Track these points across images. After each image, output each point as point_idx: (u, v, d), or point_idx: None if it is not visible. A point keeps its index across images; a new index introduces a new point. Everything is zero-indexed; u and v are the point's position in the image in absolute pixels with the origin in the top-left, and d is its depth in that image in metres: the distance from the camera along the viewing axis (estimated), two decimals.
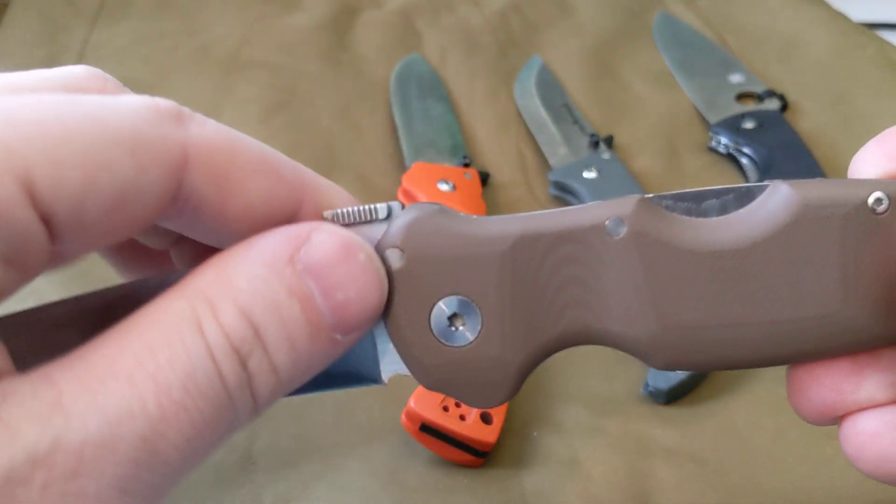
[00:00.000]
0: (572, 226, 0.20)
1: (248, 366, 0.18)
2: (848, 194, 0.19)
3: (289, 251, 0.19)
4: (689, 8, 0.67)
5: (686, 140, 0.55)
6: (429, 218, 0.20)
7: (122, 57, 0.63)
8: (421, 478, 0.35)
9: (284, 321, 0.18)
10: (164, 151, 0.18)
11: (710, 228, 0.20)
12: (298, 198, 0.20)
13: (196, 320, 0.17)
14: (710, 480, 0.35)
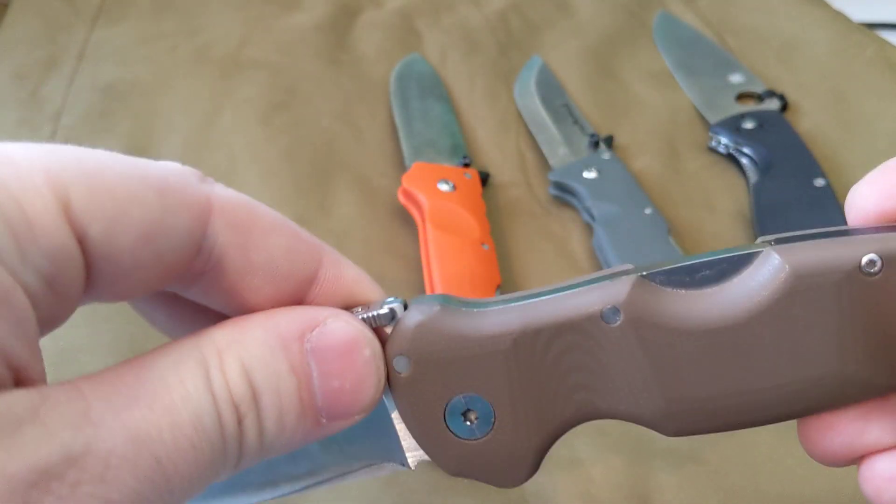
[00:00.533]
0: (570, 317, 0.20)
1: (242, 423, 0.19)
2: (839, 260, 0.19)
3: (301, 329, 0.20)
4: (689, 8, 0.67)
5: (686, 140, 0.55)
6: (431, 322, 0.21)
7: (122, 57, 0.63)
8: (421, 478, 0.35)
9: (280, 393, 0.20)
10: (189, 197, 0.19)
11: (704, 303, 0.20)
12: (317, 260, 0.21)
13: (206, 368, 0.19)
14: (711, 481, 0.35)
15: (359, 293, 0.22)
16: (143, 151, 0.54)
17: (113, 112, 0.57)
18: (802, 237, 0.20)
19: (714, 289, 0.20)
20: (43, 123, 0.56)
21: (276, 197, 0.50)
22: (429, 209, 0.45)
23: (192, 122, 0.56)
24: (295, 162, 0.53)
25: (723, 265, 0.20)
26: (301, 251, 0.21)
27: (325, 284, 0.21)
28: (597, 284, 0.20)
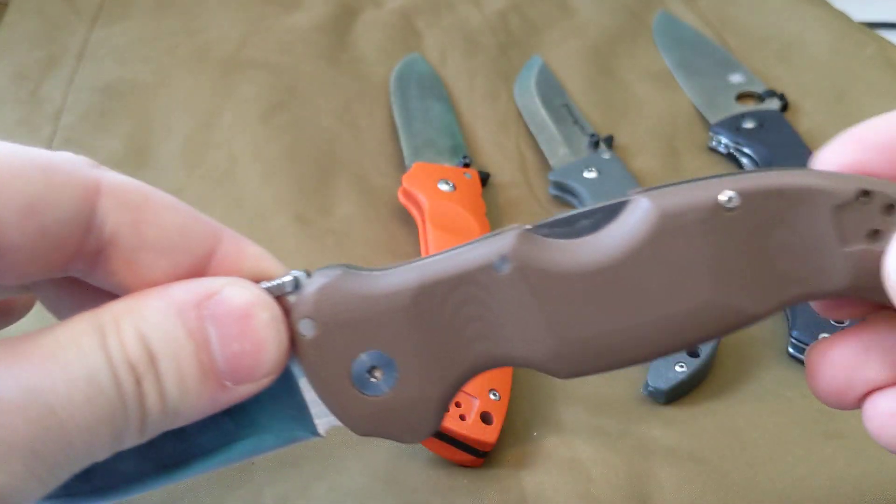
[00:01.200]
0: (462, 269, 0.22)
1: (142, 385, 0.20)
2: (700, 198, 0.21)
3: (197, 297, 0.21)
4: (689, 8, 0.67)
5: (686, 140, 0.55)
6: (333, 284, 0.22)
7: (121, 57, 0.63)
8: (421, 478, 0.35)
9: (178, 357, 0.20)
10: (76, 177, 0.20)
11: (584, 249, 0.22)
12: (215, 236, 0.22)
13: (102, 333, 0.20)
14: (710, 480, 0.35)
15: (261, 269, 0.22)
16: (142, 151, 0.54)
17: (113, 112, 0.57)
18: (674, 186, 0.22)
19: (593, 236, 0.22)
20: (43, 123, 0.56)
21: (277, 197, 0.50)
22: (429, 209, 0.45)
23: (192, 122, 0.56)
24: (295, 162, 0.53)
25: (598, 214, 0.22)
26: (196, 228, 0.21)
27: (225, 260, 0.22)
28: (486, 240, 0.22)
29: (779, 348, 0.41)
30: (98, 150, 0.54)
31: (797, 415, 0.38)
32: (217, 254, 0.22)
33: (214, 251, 0.22)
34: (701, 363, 0.38)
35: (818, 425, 0.37)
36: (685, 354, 0.39)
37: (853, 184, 0.21)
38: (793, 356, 0.40)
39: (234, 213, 0.49)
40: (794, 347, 0.40)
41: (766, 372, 0.40)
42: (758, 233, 0.21)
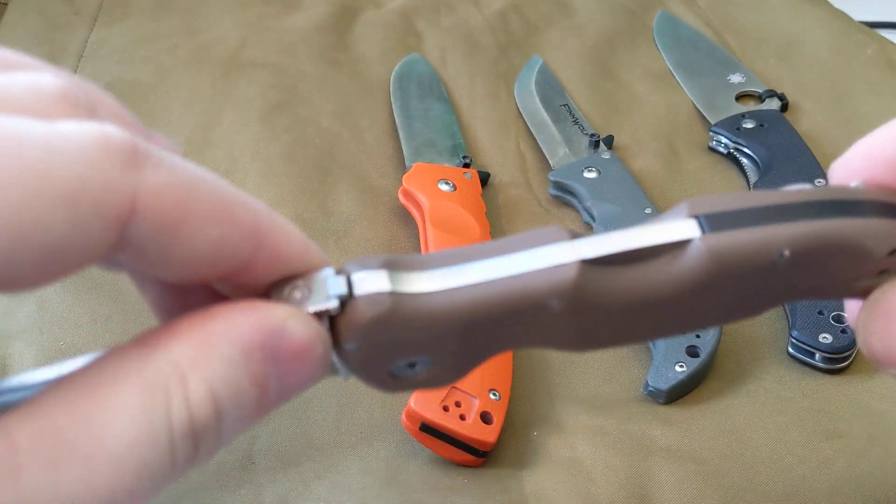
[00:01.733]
0: (517, 305, 0.22)
1: (199, 448, 0.18)
2: (759, 254, 0.22)
3: (263, 336, 0.19)
4: (689, 8, 0.67)
5: (686, 140, 0.55)
6: (382, 316, 0.21)
7: (121, 57, 0.63)
8: (421, 478, 0.35)
9: (242, 407, 0.19)
10: (108, 203, 0.16)
11: (632, 281, 0.22)
12: (252, 244, 0.20)
13: (166, 400, 0.17)
14: (710, 480, 0.35)
15: (304, 262, 0.21)
16: None
17: None
18: (733, 217, 0.22)
19: (641, 267, 0.22)
20: None
21: (277, 197, 0.50)
22: (429, 209, 0.45)
23: (192, 122, 0.56)
24: (295, 161, 0.53)
25: (655, 250, 0.22)
26: (231, 244, 0.19)
27: (268, 255, 0.20)
28: (542, 270, 0.22)
29: (779, 348, 0.41)
30: None
31: (797, 415, 0.38)
32: (259, 251, 0.20)
33: (250, 258, 0.20)
34: (701, 363, 0.38)
35: (818, 425, 0.37)
36: (685, 354, 0.39)
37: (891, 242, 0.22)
38: (793, 356, 0.40)
39: None
40: (794, 347, 0.40)
41: (766, 372, 0.40)
42: (796, 274, 0.22)
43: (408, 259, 0.22)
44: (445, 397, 0.35)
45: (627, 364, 0.41)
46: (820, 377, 0.39)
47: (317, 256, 0.21)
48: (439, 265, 0.22)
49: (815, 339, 0.39)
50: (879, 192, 0.22)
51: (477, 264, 0.22)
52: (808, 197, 0.22)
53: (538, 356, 0.41)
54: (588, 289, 0.22)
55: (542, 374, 0.40)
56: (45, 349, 0.41)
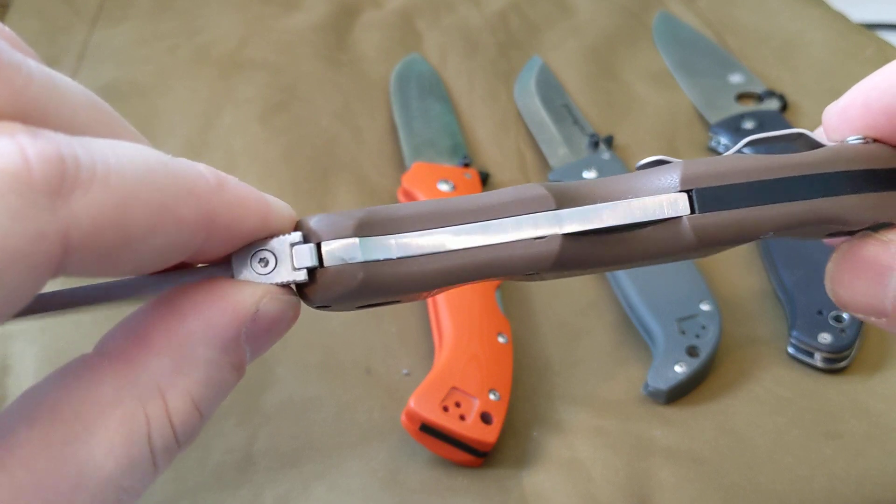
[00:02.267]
0: (496, 272, 0.21)
1: (183, 446, 0.18)
2: (745, 236, 0.22)
3: (238, 328, 0.19)
4: (689, 8, 0.67)
5: (686, 140, 0.55)
6: (355, 286, 0.21)
7: (121, 57, 0.63)
8: (421, 478, 0.35)
9: (223, 392, 0.19)
10: (37, 254, 0.14)
11: (616, 248, 0.22)
12: (202, 235, 0.19)
13: (147, 429, 0.17)
14: (710, 480, 0.35)
15: (256, 234, 0.20)
16: None
17: None
18: (724, 194, 0.22)
19: (625, 237, 0.22)
20: None
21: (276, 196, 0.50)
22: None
23: (192, 123, 0.56)
24: (294, 162, 0.53)
25: (641, 224, 0.22)
26: (179, 241, 0.18)
27: (217, 245, 0.19)
28: (524, 243, 0.21)
29: (779, 348, 0.41)
30: None
31: (797, 415, 0.38)
32: (212, 236, 0.19)
33: (208, 237, 0.19)
34: (701, 363, 0.38)
35: (818, 425, 0.37)
36: (685, 354, 0.39)
37: (869, 217, 0.22)
38: (792, 356, 0.40)
39: None
40: (794, 347, 0.40)
41: (766, 372, 0.40)
42: (776, 237, 0.23)
43: (382, 216, 0.21)
44: (445, 397, 0.35)
45: (627, 364, 0.41)
46: (820, 377, 0.39)
47: (280, 218, 0.21)
48: (416, 226, 0.21)
49: (815, 339, 0.39)
50: (873, 158, 0.22)
51: (456, 229, 0.21)
52: (803, 170, 0.22)
53: (538, 356, 0.41)
54: (569, 257, 0.21)
55: (542, 374, 0.40)
56: (46, 349, 0.41)
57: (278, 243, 0.20)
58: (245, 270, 0.20)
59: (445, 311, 0.39)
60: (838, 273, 0.23)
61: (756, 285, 0.44)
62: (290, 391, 0.39)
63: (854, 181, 0.22)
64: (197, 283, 0.19)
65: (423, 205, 0.21)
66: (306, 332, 0.42)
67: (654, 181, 0.22)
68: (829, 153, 0.23)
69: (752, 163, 0.23)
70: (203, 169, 0.19)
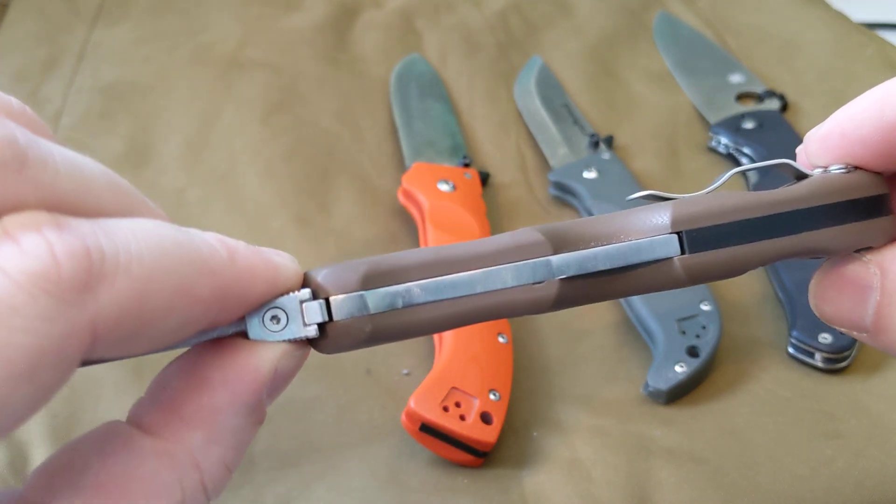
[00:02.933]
0: (496, 316, 0.23)
1: (210, 500, 0.20)
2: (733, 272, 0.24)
3: (261, 392, 0.20)
4: (689, 8, 0.67)
5: (686, 140, 0.55)
6: (361, 339, 0.22)
7: (122, 57, 0.63)
8: (421, 478, 0.35)
9: (248, 446, 0.21)
10: (67, 349, 0.15)
11: (611, 288, 0.24)
12: (216, 308, 0.19)
13: (181, 500, 0.19)
14: (710, 480, 0.35)
15: (266, 298, 0.21)
16: (143, 152, 0.54)
17: (113, 112, 0.57)
18: (714, 235, 0.23)
19: (618, 277, 0.23)
20: None
21: (277, 197, 0.50)
22: (429, 209, 0.45)
23: (192, 122, 0.56)
24: (295, 162, 0.53)
25: (633, 266, 0.23)
26: (194, 316, 0.18)
27: (229, 312, 0.20)
28: (522, 289, 0.23)
29: (779, 348, 0.41)
30: (98, 150, 0.54)
31: (797, 415, 0.38)
32: (225, 307, 0.20)
33: (221, 309, 0.20)
34: (701, 363, 0.38)
35: (818, 425, 0.37)
36: (685, 354, 0.39)
37: (853, 244, 0.23)
38: (793, 356, 0.40)
39: (234, 214, 0.49)
40: (794, 347, 0.40)
41: (766, 372, 0.40)
42: None
43: (386, 267, 0.22)
44: (445, 398, 0.35)
45: (627, 364, 0.41)
46: (820, 377, 0.39)
47: (288, 278, 0.21)
48: (419, 276, 0.22)
49: (815, 339, 0.39)
50: (855, 187, 0.23)
51: (458, 278, 0.22)
52: (788, 206, 0.23)
53: (538, 356, 0.41)
54: (567, 298, 0.23)
55: (542, 374, 0.40)
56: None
57: (288, 301, 0.21)
58: (258, 328, 0.21)
59: None
60: (821, 290, 0.24)
61: (756, 285, 0.44)
62: (290, 391, 0.39)
63: (838, 213, 0.23)
64: (216, 346, 0.20)
65: (425, 253, 0.22)
66: None
67: (646, 221, 0.23)
68: (812, 187, 0.23)
69: (740, 201, 0.23)
70: (214, 241, 0.19)
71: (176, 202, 0.50)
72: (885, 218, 0.23)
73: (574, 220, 0.24)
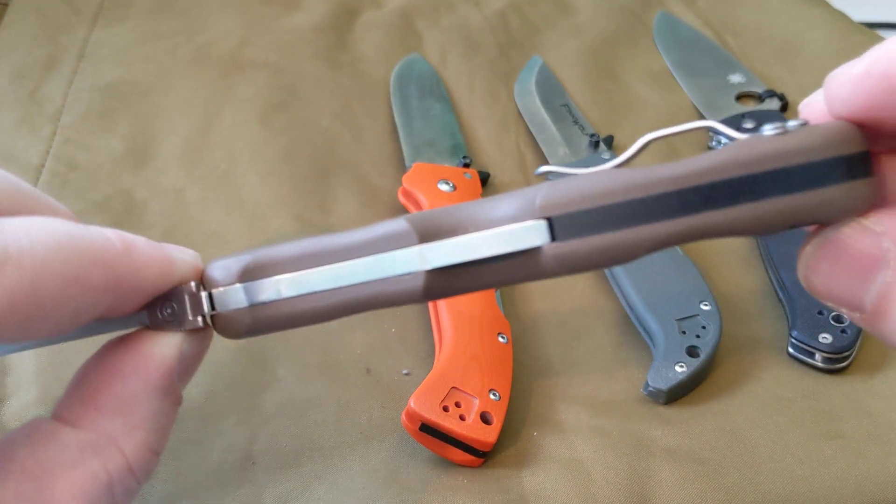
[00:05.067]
0: (369, 306, 0.24)
1: (141, 482, 0.21)
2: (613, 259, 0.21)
3: (170, 375, 0.22)
4: (689, 8, 0.67)
5: (686, 140, 0.55)
6: (245, 327, 0.23)
7: (122, 57, 0.63)
8: (421, 478, 0.35)
9: (170, 427, 0.23)
10: None
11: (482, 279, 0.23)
12: (111, 296, 0.21)
13: (109, 486, 0.20)
14: (710, 480, 0.35)
15: (161, 288, 0.23)
16: (142, 151, 0.54)
17: (113, 112, 0.57)
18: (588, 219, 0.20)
19: (488, 267, 0.23)
20: (43, 123, 0.56)
21: (276, 197, 0.50)
22: (429, 209, 0.45)
23: (192, 122, 0.56)
24: (295, 162, 0.53)
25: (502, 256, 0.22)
26: (92, 305, 0.21)
27: (126, 303, 0.22)
28: (391, 280, 0.23)
29: (779, 348, 0.41)
30: (98, 150, 0.54)
31: (797, 415, 0.38)
32: (120, 296, 0.22)
33: (116, 298, 0.22)
34: (701, 363, 0.38)
35: (818, 426, 0.37)
36: (685, 354, 0.39)
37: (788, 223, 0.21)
38: (793, 356, 0.40)
39: (234, 213, 0.49)
40: (794, 347, 0.40)
41: (766, 372, 0.40)
42: None
43: (263, 260, 0.23)
44: (445, 397, 0.35)
45: (627, 364, 0.41)
46: (820, 377, 0.39)
47: (185, 271, 0.23)
48: (294, 268, 0.23)
49: (815, 339, 0.39)
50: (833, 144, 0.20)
51: (329, 269, 0.23)
52: (681, 183, 0.20)
53: (538, 356, 0.41)
54: (437, 288, 0.23)
55: (542, 374, 0.40)
56: (45, 349, 0.41)
57: (178, 293, 0.23)
58: (157, 319, 0.23)
59: (445, 311, 0.39)
60: (816, 261, 0.20)
61: (756, 285, 0.44)
62: (290, 391, 0.39)
63: (756, 186, 0.19)
64: (125, 340, 0.23)
65: (300, 245, 0.23)
66: (306, 332, 0.42)
67: (518, 206, 0.21)
68: (719, 158, 0.20)
69: (621, 180, 0.20)
70: (111, 235, 0.21)
71: (176, 202, 0.50)
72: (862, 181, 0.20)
73: (446, 206, 0.23)
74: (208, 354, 0.42)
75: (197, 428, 0.38)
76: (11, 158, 0.53)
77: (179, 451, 0.37)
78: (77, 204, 0.49)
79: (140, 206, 0.50)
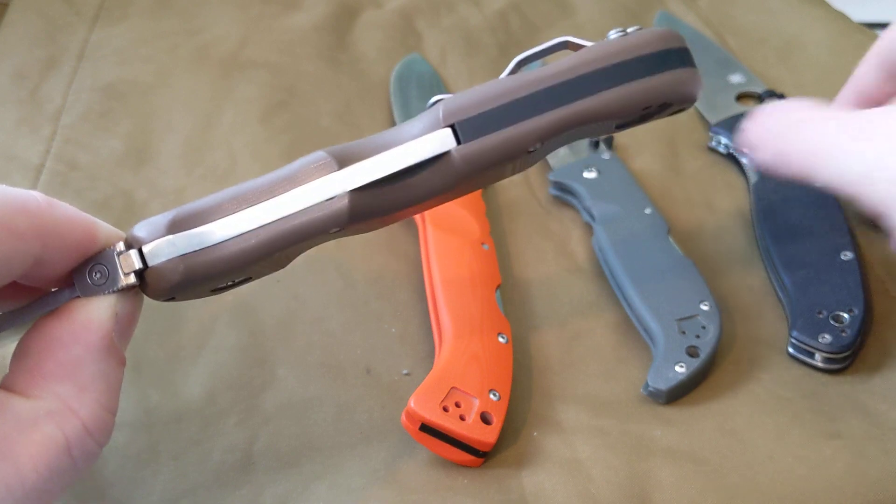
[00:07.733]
0: (300, 235, 0.25)
1: (101, 443, 0.23)
2: (511, 152, 0.25)
3: (109, 337, 0.23)
4: (689, 8, 0.67)
5: (686, 140, 0.55)
6: (177, 283, 0.24)
7: (122, 57, 0.63)
8: (421, 478, 0.35)
9: (119, 386, 0.24)
10: None
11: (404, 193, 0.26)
12: (37, 247, 0.23)
13: (67, 448, 0.21)
14: (710, 480, 0.35)
15: (88, 249, 0.24)
16: (143, 151, 0.54)
17: (113, 112, 0.57)
18: (486, 120, 0.24)
19: (407, 180, 0.25)
20: (43, 123, 0.56)
21: None
22: None
23: (192, 122, 0.56)
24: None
25: (417, 166, 0.25)
26: (21, 251, 0.22)
27: (54, 261, 0.24)
28: (317, 206, 0.24)
29: (779, 348, 0.41)
30: (98, 149, 0.54)
31: (797, 415, 0.38)
32: (46, 249, 0.23)
33: (43, 249, 0.23)
34: (701, 363, 0.38)
35: (818, 425, 0.37)
36: (685, 354, 0.39)
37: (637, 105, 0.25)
38: (793, 356, 0.40)
39: None
40: (794, 347, 0.40)
41: (766, 372, 0.40)
42: (553, 145, 0.27)
43: (189, 211, 0.24)
44: (445, 398, 0.35)
45: (627, 364, 0.41)
46: (820, 377, 0.39)
47: (108, 234, 0.25)
48: (222, 213, 0.24)
49: (815, 339, 0.39)
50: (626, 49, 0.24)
51: (256, 209, 0.24)
52: (551, 80, 0.24)
53: (538, 356, 0.41)
54: (361, 209, 0.24)
55: (542, 374, 0.40)
56: None
57: (106, 255, 0.24)
58: (86, 285, 0.24)
59: (445, 311, 0.39)
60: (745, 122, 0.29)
61: (756, 285, 0.44)
62: (290, 391, 0.39)
63: (608, 76, 0.24)
64: (59, 312, 0.24)
65: (224, 193, 0.24)
66: (306, 331, 0.42)
67: (424, 123, 0.24)
68: (577, 59, 0.24)
69: (508, 84, 0.24)
70: (35, 193, 0.23)
71: (176, 202, 0.50)
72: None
73: (363, 138, 0.25)
74: (209, 355, 0.42)
75: (197, 428, 0.38)
76: (12, 158, 0.53)
77: (179, 451, 0.37)
78: (77, 204, 0.49)
79: (140, 205, 0.50)
